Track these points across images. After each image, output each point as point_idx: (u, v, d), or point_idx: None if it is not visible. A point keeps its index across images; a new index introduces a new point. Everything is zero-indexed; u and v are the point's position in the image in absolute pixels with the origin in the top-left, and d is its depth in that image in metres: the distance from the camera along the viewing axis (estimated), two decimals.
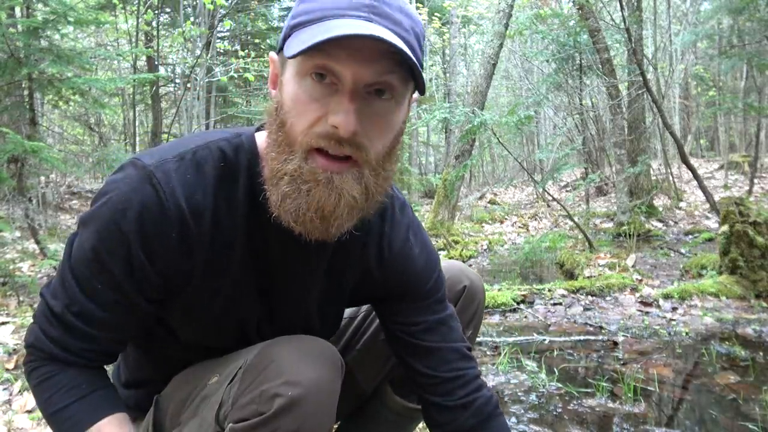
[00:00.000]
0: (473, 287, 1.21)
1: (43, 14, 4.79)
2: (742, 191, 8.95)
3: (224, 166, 0.86)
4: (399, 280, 1.01)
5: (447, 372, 1.02)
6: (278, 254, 0.92)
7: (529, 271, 5.17)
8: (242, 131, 0.90)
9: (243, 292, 0.92)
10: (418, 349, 1.02)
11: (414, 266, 1.02)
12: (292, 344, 0.86)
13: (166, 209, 0.81)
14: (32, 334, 0.90)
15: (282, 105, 0.79)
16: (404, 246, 1.01)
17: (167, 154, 0.84)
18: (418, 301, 1.03)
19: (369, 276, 1.01)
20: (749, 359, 2.32)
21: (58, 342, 0.87)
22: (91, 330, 0.86)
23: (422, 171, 14.85)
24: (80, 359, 0.89)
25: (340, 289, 1.01)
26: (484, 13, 16.41)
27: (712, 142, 16.78)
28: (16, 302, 3.78)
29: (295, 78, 0.77)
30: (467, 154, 7.55)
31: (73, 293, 0.85)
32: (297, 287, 0.96)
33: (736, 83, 13.24)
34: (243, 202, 0.87)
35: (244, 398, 0.81)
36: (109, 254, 0.82)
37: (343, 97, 0.74)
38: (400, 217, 1.03)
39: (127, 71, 11.09)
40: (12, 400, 2.17)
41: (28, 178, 5.46)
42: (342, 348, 1.20)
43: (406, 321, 1.03)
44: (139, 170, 0.82)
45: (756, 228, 3.34)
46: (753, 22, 7.31)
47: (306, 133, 0.76)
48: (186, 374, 1.00)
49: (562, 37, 7.39)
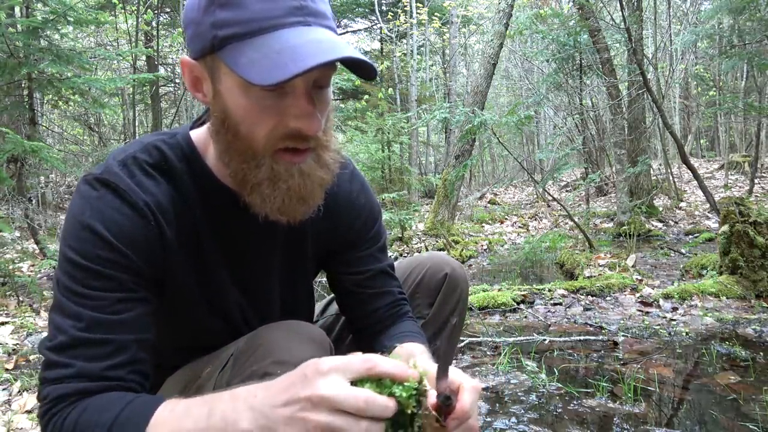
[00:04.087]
0: (455, 274, 1.23)
1: (42, 14, 4.79)
2: (743, 191, 8.95)
3: (165, 164, 0.89)
4: (346, 227, 1.08)
5: (387, 311, 1.11)
6: (239, 235, 0.96)
7: (529, 271, 5.17)
8: (176, 131, 0.94)
9: (217, 278, 0.96)
10: (364, 296, 1.11)
11: (359, 212, 1.09)
12: (280, 328, 0.89)
13: (132, 202, 0.84)
14: (46, 396, 0.78)
15: (228, 114, 0.81)
16: (348, 196, 1.08)
17: (110, 162, 0.87)
18: (364, 248, 1.10)
19: (321, 231, 1.06)
20: (749, 359, 2.32)
21: (79, 376, 0.77)
22: (109, 335, 0.80)
23: (422, 171, 14.84)
24: (113, 382, 0.79)
25: (302, 256, 1.07)
26: (484, 13, 16.42)
27: (713, 142, 16.79)
28: (15, 302, 3.77)
29: (239, 89, 0.79)
30: (467, 154, 7.55)
31: (77, 312, 0.80)
32: (263, 263, 1.01)
33: (736, 83, 13.24)
34: (194, 194, 0.91)
35: (235, 381, 0.83)
36: (95, 261, 0.81)
37: (300, 101, 0.78)
38: (341, 172, 1.06)
39: (126, 71, 11.10)
40: (12, 400, 2.17)
41: (27, 178, 5.46)
42: (332, 342, 1.21)
43: (354, 270, 1.10)
44: (90, 182, 0.85)
45: (756, 228, 3.34)
46: (753, 22, 7.31)
47: (268, 138, 0.80)
48: (180, 372, 1.02)
49: (562, 37, 7.39)
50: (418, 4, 13.76)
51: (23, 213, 4.73)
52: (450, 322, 1.22)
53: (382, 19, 14.34)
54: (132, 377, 0.81)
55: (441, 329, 1.23)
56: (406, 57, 14.21)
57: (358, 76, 0.81)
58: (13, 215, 5.25)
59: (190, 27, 0.81)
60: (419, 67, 14.51)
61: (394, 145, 7.94)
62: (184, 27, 0.83)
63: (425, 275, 1.23)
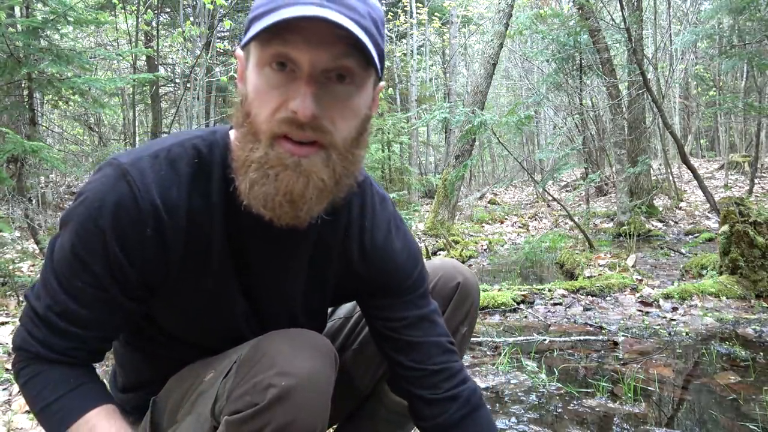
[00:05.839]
0: (467, 284, 1.21)
1: (42, 14, 4.79)
2: (743, 191, 8.95)
3: (198, 163, 0.88)
4: (381, 275, 1.02)
5: (431, 365, 1.03)
6: (257, 247, 0.93)
7: (529, 271, 5.17)
8: (217, 129, 0.93)
9: (225, 286, 0.93)
10: (401, 344, 1.03)
11: (396, 260, 1.03)
12: (285, 337, 0.87)
13: (140, 205, 0.83)
14: (19, 336, 0.90)
15: (246, 97, 0.81)
16: (386, 240, 1.02)
17: (143, 152, 0.86)
18: (401, 296, 1.03)
19: (351, 270, 1.01)
20: (749, 359, 2.32)
21: (43, 342, 0.88)
22: (75, 329, 0.87)
23: (422, 171, 14.84)
24: (67, 358, 0.89)
25: (322, 283, 1.02)
26: (484, 13, 16.42)
27: (712, 142, 16.79)
28: (15, 302, 3.77)
29: (255, 69, 0.79)
30: (467, 154, 7.55)
31: (55, 293, 0.86)
32: (277, 280, 0.97)
33: (736, 83, 13.24)
34: (218, 198, 0.88)
35: (238, 390, 0.82)
36: (88, 252, 0.83)
37: (300, 82, 0.76)
38: (381, 212, 1.04)
39: (126, 71, 11.10)
40: (12, 400, 2.17)
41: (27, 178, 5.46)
42: (338, 347, 1.19)
43: (390, 317, 1.03)
44: (114, 168, 0.84)
45: (756, 228, 3.34)
46: (753, 22, 7.31)
47: (269, 120, 0.78)
48: (182, 374, 1.00)
49: (562, 37, 7.39)
50: (418, 4, 13.76)
51: (23, 213, 4.72)
52: (460, 332, 1.20)
53: None
54: (85, 357, 0.91)
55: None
56: (406, 57, 14.22)
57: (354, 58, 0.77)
58: (13, 215, 5.26)
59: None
60: (419, 67, 14.52)
61: (394, 145, 7.95)
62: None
63: (437, 283, 1.20)
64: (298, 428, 0.80)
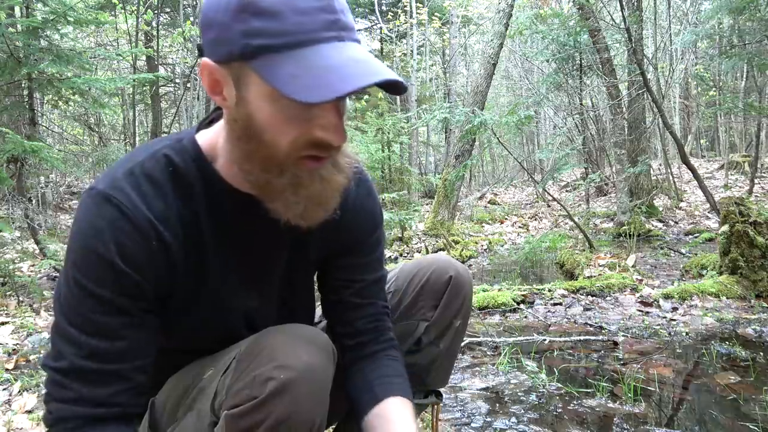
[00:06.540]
0: (459, 277, 1.22)
1: (42, 14, 4.79)
2: (743, 191, 8.94)
3: (173, 171, 0.88)
4: (348, 231, 1.06)
5: (368, 323, 1.09)
6: (247, 240, 0.96)
7: (529, 271, 5.17)
8: (182, 135, 0.93)
9: (222, 283, 0.95)
10: (349, 305, 1.09)
11: (363, 217, 1.08)
12: (284, 332, 0.88)
13: (135, 221, 0.83)
14: (51, 412, 0.83)
15: (252, 121, 0.79)
16: (355, 200, 1.06)
17: (116, 173, 0.86)
18: (364, 255, 1.09)
19: (325, 235, 1.04)
20: (749, 359, 2.32)
21: (78, 400, 0.82)
22: (110, 366, 0.83)
23: (422, 171, 14.83)
24: (115, 408, 0.84)
25: (305, 259, 1.06)
26: (484, 13, 16.42)
27: (713, 142, 16.78)
28: (15, 302, 3.77)
29: (266, 97, 0.77)
30: (467, 154, 7.55)
31: (77, 341, 0.82)
32: (269, 266, 1.01)
33: (736, 83, 13.24)
34: (202, 200, 0.90)
35: (238, 385, 0.83)
36: (98, 284, 0.82)
37: (329, 114, 0.78)
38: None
39: (126, 71, 11.10)
40: (12, 400, 2.17)
41: (27, 178, 5.47)
42: None
43: (350, 278, 1.09)
44: (94, 197, 0.84)
45: (756, 228, 3.34)
46: (753, 22, 7.30)
47: (292, 146, 0.79)
48: (181, 373, 1.01)
49: (562, 37, 7.39)
50: (418, 4, 13.76)
51: (23, 213, 4.72)
52: (453, 325, 1.21)
53: (382, 19, 14.35)
54: (132, 401, 0.86)
55: (444, 332, 1.22)
56: (406, 57, 14.23)
57: (390, 93, 0.80)
58: (13, 215, 5.26)
59: (213, 30, 0.77)
60: (419, 67, 14.52)
61: (394, 145, 7.93)
62: (203, 27, 0.79)
63: (430, 277, 1.22)
64: (297, 421, 0.81)
